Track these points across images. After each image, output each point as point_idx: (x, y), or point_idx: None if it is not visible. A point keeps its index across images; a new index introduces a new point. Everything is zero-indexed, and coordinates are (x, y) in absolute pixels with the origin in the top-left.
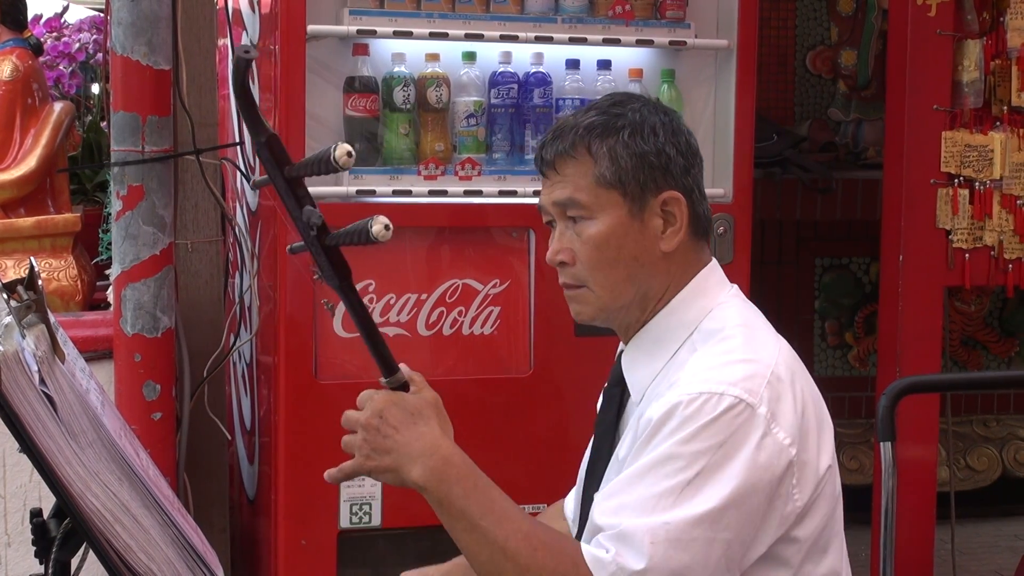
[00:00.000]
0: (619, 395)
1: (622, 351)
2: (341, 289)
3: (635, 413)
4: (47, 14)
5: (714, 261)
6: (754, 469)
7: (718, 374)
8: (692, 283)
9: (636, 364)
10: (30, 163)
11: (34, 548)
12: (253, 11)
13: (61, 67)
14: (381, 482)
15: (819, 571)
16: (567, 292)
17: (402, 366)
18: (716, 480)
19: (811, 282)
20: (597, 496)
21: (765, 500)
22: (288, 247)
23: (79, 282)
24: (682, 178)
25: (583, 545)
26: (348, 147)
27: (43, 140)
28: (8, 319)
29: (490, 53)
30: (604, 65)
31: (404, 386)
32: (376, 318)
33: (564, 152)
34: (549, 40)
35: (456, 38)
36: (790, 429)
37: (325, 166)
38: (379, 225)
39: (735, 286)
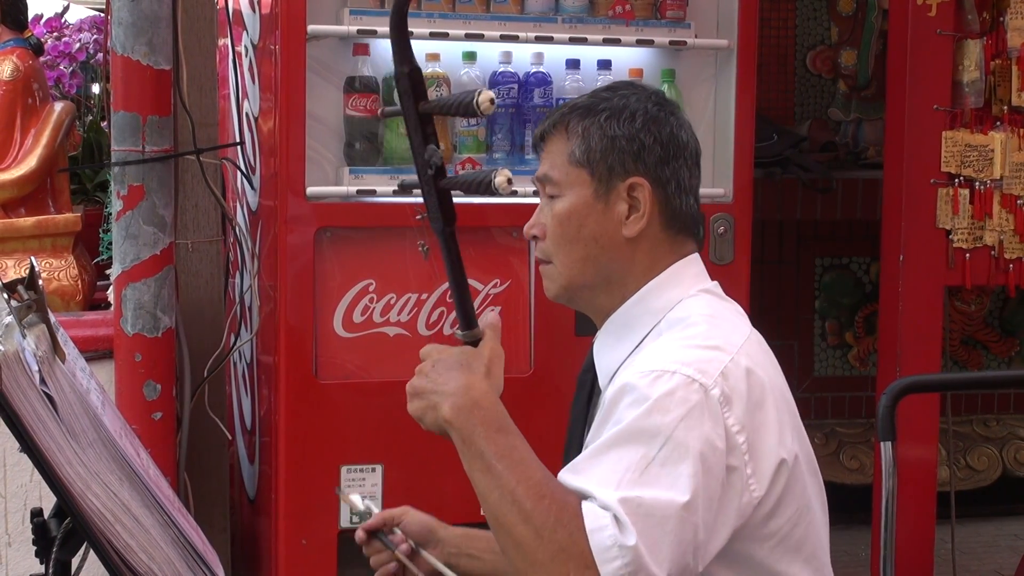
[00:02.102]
0: (590, 381)
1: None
2: (443, 234)
3: (604, 396)
4: (48, 14)
5: (695, 256)
6: (710, 450)
7: (673, 355)
8: (665, 273)
9: (604, 349)
10: (30, 163)
11: (35, 548)
12: (254, 11)
13: (62, 67)
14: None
15: (792, 570)
16: (540, 267)
17: (492, 314)
18: (679, 459)
19: (811, 282)
20: (561, 472)
21: (719, 484)
22: (400, 181)
23: (79, 282)
24: (656, 168)
25: (583, 502)
26: (492, 94)
27: (43, 140)
28: (9, 319)
29: (490, 53)
30: (604, 65)
31: (476, 342)
32: (377, 318)
33: (547, 130)
34: (549, 40)
35: (456, 38)
36: (740, 416)
37: (465, 108)
38: (502, 177)
39: (714, 283)
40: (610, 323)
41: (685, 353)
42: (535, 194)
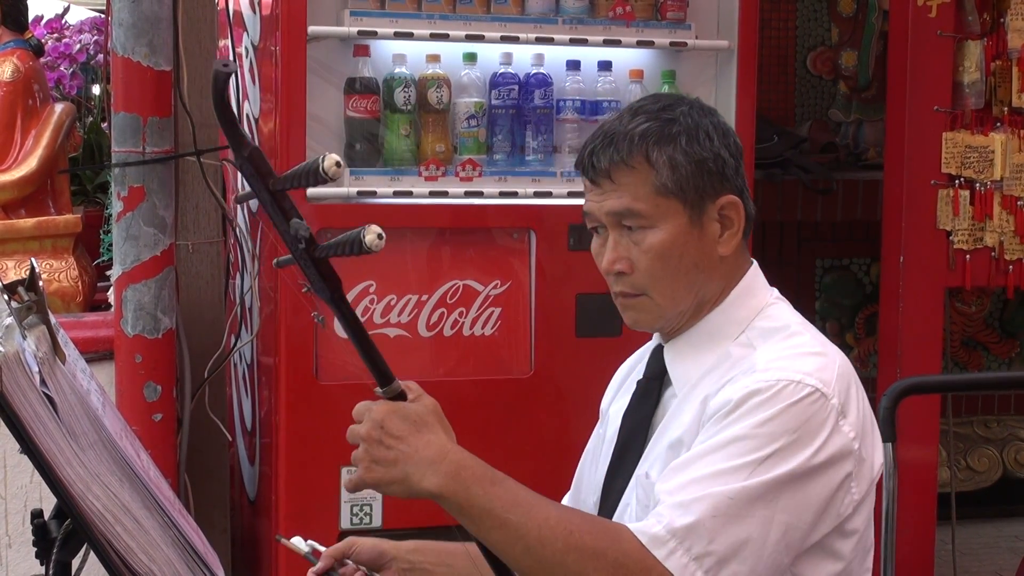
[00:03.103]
0: (657, 388)
1: (660, 345)
2: (332, 301)
3: (690, 399)
4: (48, 15)
5: (755, 262)
6: (822, 458)
7: (794, 364)
8: (742, 283)
9: (683, 358)
10: (31, 164)
11: (35, 549)
12: (254, 12)
13: (62, 68)
14: (386, 495)
15: (864, 567)
16: (623, 300)
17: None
18: (783, 464)
19: (812, 283)
20: (666, 472)
21: (828, 490)
22: (275, 261)
23: (80, 283)
24: (734, 179)
25: (630, 525)
26: (336, 157)
27: (44, 141)
28: (9, 320)
29: (491, 54)
30: (605, 66)
31: (401, 395)
32: (377, 319)
33: (621, 161)
34: (550, 41)
35: (457, 39)
36: (855, 423)
37: (313, 177)
38: (372, 235)
39: (774, 288)
40: (689, 334)
41: (804, 361)
42: (536, 195)
